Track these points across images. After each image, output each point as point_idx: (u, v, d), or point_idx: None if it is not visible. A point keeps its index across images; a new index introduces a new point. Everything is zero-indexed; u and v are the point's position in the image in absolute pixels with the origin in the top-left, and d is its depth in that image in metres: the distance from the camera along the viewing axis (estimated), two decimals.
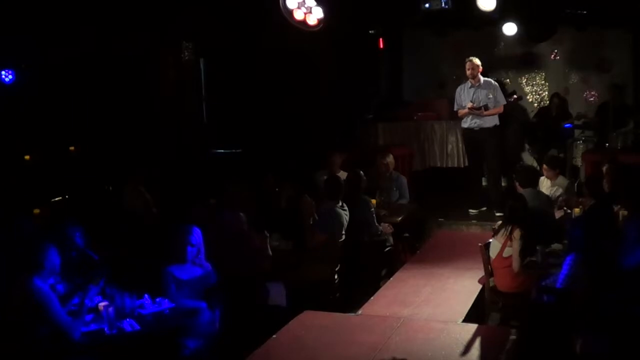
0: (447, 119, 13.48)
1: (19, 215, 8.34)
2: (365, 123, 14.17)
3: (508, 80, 14.55)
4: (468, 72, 10.69)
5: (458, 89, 10.96)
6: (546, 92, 14.85)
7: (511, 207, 7.30)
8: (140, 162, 10.01)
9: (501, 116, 10.83)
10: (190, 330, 6.28)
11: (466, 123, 10.87)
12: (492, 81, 10.92)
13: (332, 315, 6.94)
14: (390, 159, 10.39)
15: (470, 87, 10.72)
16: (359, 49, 14.12)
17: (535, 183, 9.07)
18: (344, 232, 8.29)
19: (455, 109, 11.00)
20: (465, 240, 9.70)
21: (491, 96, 10.62)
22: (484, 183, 11.78)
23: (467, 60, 10.78)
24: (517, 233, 7.03)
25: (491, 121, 10.68)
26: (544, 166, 9.87)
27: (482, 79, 10.74)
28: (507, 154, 12.53)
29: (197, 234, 6.66)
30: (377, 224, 8.90)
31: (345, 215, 8.26)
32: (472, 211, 10.95)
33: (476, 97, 10.63)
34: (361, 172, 9.05)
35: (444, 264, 8.87)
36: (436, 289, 8.07)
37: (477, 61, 10.70)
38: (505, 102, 10.81)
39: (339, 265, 7.98)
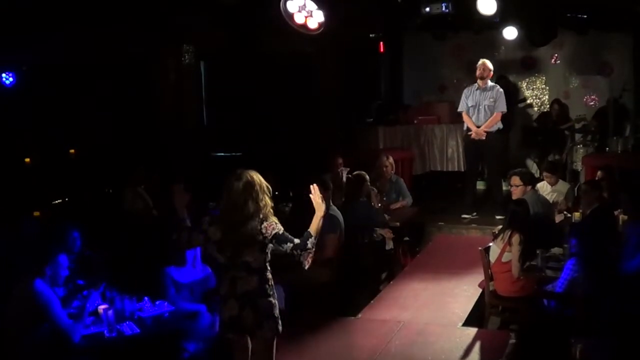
0: (448, 122, 13.48)
1: (24, 218, 8.36)
2: (365, 126, 14.17)
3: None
4: (477, 73, 10.62)
5: (465, 90, 10.84)
6: (546, 96, 14.85)
7: (512, 212, 7.30)
8: (140, 165, 10.00)
9: (504, 120, 10.79)
10: (190, 333, 6.29)
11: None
12: (498, 87, 10.84)
13: (331, 319, 6.95)
14: (391, 160, 10.39)
15: (476, 89, 10.64)
16: (360, 53, 14.12)
17: (534, 183, 9.08)
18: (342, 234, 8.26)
19: (459, 109, 10.90)
20: (465, 244, 9.70)
21: (492, 100, 10.55)
22: (478, 187, 11.76)
23: (479, 61, 10.70)
24: (516, 238, 7.01)
25: (495, 125, 10.62)
26: (545, 173, 9.86)
27: (489, 83, 10.69)
28: (508, 158, 12.53)
29: None
30: (380, 225, 8.87)
31: (340, 216, 8.19)
32: (465, 216, 10.91)
33: (480, 99, 10.57)
34: (364, 173, 9.00)
35: (444, 268, 8.88)
36: (436, 293, 8.08)
37: (489, 64, 10.61)
38: (505, 110, 10.68)
39: (338, 268, 7.96)
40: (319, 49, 12.69)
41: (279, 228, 4.95)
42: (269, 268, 5.01)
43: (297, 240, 4.94)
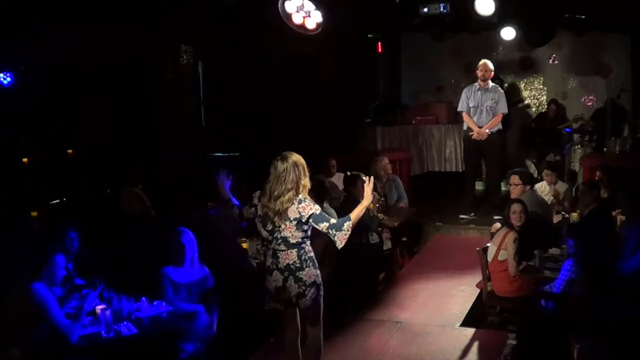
0: (446, 123, 13.50)
1: (22, 218, 8.34)
2: (363, 127, 14.17)
3: (506, 85, 14.50)
4: (480, 74, 10.60)
5: (465, 90, 10.83)
6: (544, 97, 14.86)
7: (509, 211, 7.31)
8: (138, 166, 9.99)
9: (504, 121, 10.80)
10: (188, 333, 6.27)
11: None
12: (500, 88, 10.87)
13: (330, 319, 6.94)
14: (387, 161, 10.36)
15: (478, 89, 10.64)
16: (358, 53, 14.12)
17: (532, 183, 9.08)
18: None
19: (459, 109, 10.89)
20: (463, 244, 9.71)
21: (494, 102, 10.56)
22: (477, 188, 11.77)
23: (481, 61, 10.71)
24: (510, 236, 7.03)
25: (495, 126, 10.63)
26: (546, 171, 9.84)
27: (490, 83, 10.70)
28: (507, 159, 12.53)
29: (190, 237, 6.65)
30: (373, 230, 8.80)
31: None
32: (463, 217, 10.91)
33: (483, 100, 10.57)
34: (362, 174, 8.95)
35: (442, 268, 8.89)
36: (434, 293, 8.09)
37: (490, 65, 10.63)
38: (506, 112, 10.71)
39: (336, 269, 7.95)
40: (317, 49, 12.70)
41: (316, 208, 5.41)
42: (307, 242, 5.54)
43: (333, 221, 5.42)
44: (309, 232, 5.52)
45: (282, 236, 5.43)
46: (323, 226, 5.38)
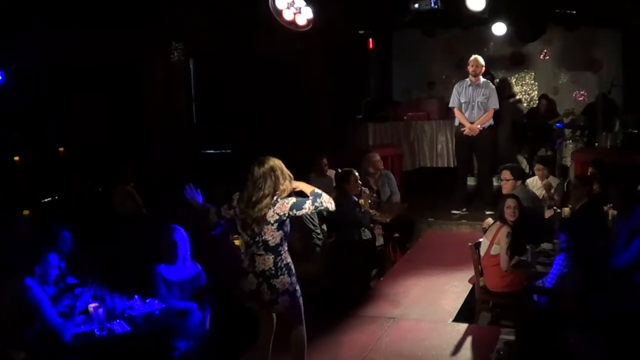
0: (437, 118, 13.52)
1: (14, 217, 8.32)
2: (355, 123, 14.17)
3: (497, 80, 14.50)
4: (471, 70, 10.62)
5: (456, 85, 10.86)
6: (536, 92, 14.87)
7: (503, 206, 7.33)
8: (130, 163, 9.98)
9: (495, 116, 10.82)
10: (181, 331, 6.27)
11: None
12: (491, 83, 10.89)
13: (322, 316, 6.95)
14: (378, 157, 10.36)
15: (469, 85, 10.65)
16: (349, 49, 14.11)
17: (524, 178, 9.09)
18: (317, 231, 8.23)
19: (450, 105, 10.91)
20: (456, 240, 9.71)
21: (485, 97, 10.57)
22: (469, 183, 11.78)
23: (472, 57, 10.73)
24: (503, 231, 7.06)
25: (487, 122, 10.65)
26: (538, 165, 9.86)
27: (481, 79, 10.71)
28: (498, 154, 12.55)
29: (182, 234, 6.65)
30: (366, 226, 8.78)
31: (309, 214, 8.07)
32: (455, 212, 10.93)
33: (474, 95, 10.59)
34: (354, 170, 8.94)
35: (434, 264, 8.89)
36: (426, 289, 8.09)
37: (481, 60, 10.66)
38: (497, 107, 10.72)
39: (328, 265, 7.96)
40: (308, 46, 12.69)
41: (291, 199, 5.40)
42: (285, 246, 5.54)
43: (311, 197, 5.39)
44: (288, 229, 5.53)
45: (263, 240, 5.43)
46: (308, 205, 5.37)
